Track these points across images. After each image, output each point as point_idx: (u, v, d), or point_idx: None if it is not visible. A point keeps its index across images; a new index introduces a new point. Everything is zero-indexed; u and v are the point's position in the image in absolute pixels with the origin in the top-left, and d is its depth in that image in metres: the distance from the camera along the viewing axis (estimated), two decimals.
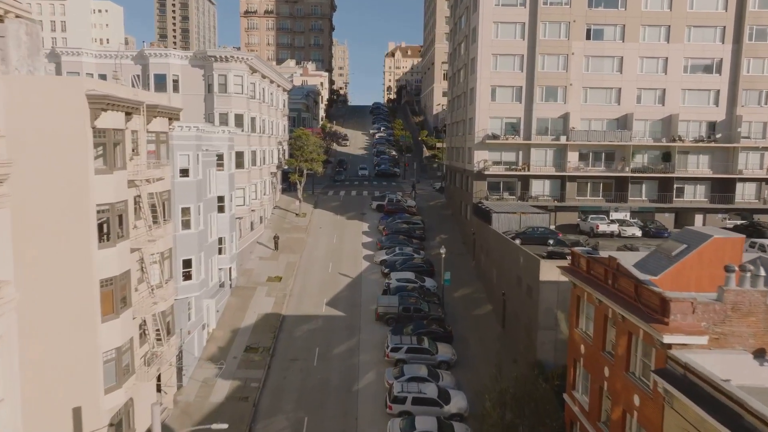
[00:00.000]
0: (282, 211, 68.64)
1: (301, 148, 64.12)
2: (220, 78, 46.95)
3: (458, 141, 64.78)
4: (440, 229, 64.10)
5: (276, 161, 65.57)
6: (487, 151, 55.09)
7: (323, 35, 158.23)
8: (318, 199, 75.17)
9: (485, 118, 54.69)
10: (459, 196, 64.11)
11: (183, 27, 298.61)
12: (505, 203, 54.27)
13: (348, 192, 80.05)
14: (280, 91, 67.04)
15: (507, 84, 54.37)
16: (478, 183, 55.38)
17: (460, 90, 64.33)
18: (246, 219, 52.34)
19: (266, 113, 58.04)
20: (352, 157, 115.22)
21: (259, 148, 54.54)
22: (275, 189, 69.54)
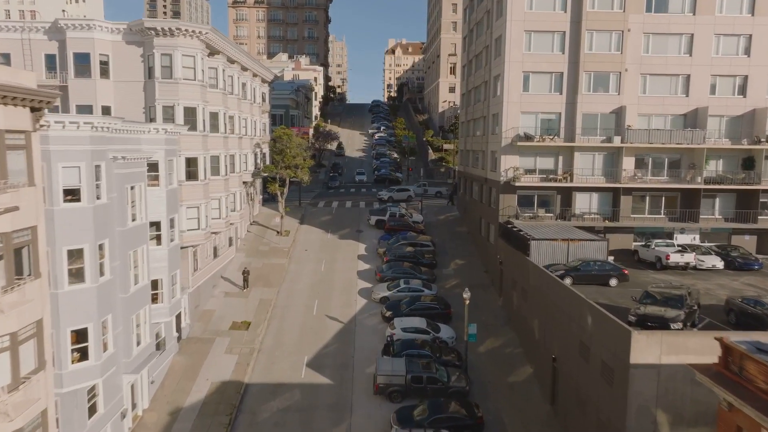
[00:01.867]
0: (260, 229, 56.35)
1: (282, 151, 51.91)
2: (163, 59, 34.69)
3: (476, 143, 52.54)
4: (454, 251, 51.82)
5: (253, 167, 53.29)
6: (517, 156, 42.86)
7: (318, 27, 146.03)
8: (305, 212, 62.85)
9: (515, 114, 42.47)
10: (478, 211, 51.87)
11: None
12: (542, 224, 42.03)
13: (342, 203, 67.72)
14: (257, 82, 54.81)
15: (544, 69, 42.15)
16: (506, 197, 43.14)
17: (478, 80, 52.10)
18: (205, 246, 40.09)
19: (235, 108, 45.85)
20: (348, 160, 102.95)
21: (224, 152, 42.26)
22: (252, 201, 57.27)
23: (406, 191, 70.20)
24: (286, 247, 51.85)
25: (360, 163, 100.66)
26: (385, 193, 69.48)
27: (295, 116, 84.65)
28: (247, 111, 50.53)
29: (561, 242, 35.91)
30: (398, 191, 70.08)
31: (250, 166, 51.80)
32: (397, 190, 70.30)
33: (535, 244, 35.78)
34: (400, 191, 70.23)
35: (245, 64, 49.01)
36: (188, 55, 35.38)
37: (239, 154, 47.45)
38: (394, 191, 70.15)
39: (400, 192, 70.06)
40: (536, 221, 42.62)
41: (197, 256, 38.71)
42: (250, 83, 51.22)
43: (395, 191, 70.19)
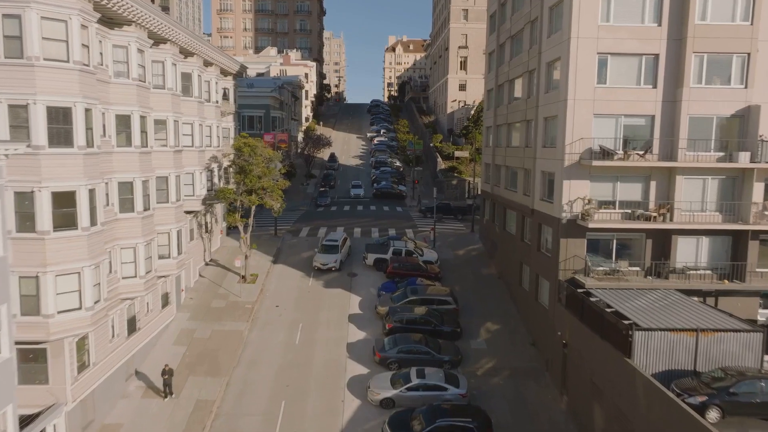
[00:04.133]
0: (218, 272, 41.76)
1: (243, 170, 37.26)
2: (6, 24, 20.16)
3: (513, 157, 37.97)
4: (483, 308, 37.21)
5: (205, 189, 38.69)
6: (587, 182, 28.32)
7: (311, 18, 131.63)
8: (283, 244, 48.19)
9: (585, 118, 27.96)
10: (516, 252, 37.32)
11: None
12: (627, 285, 27.52)
13: (332, 229, 53.03)
14: (213, 74, 40.21)
15: (629, 50, 27.65)
16: (571, 242, 28.61)
17: (516, 69, 37.55)
18: (105, 325, 25.54)
19: (168, 108, 31.28)
20: (342, 170, 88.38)
21: (140, 175, 27.69)
22: (210, 233, 42.65)
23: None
24: (250, 302, 37.24)
25: (356, 174, 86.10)
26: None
27: (277, 118, 70.11)
28: (192, 113, 35.93)
29: (686, 334, 21.38)
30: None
31: (200, 189, 37.20)
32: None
33: (643, 337, 21.25)
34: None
35: (190, 47, 34.47)
36: (55, 19, 20.79)
37: (177, 175, 32.84)
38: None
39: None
40: (617, 280, 28.04)
41: (88, 345, 24.13)
42: (198, 74, 36.63)
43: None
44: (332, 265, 41.89)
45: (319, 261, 42.15)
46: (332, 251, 42.69)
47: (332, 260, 42.06)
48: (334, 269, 42.04)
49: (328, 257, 42.23)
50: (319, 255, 42.68)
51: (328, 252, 42.66)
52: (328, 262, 41.99)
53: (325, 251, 42.77)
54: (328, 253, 42.53)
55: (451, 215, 61.69)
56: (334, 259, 42.15)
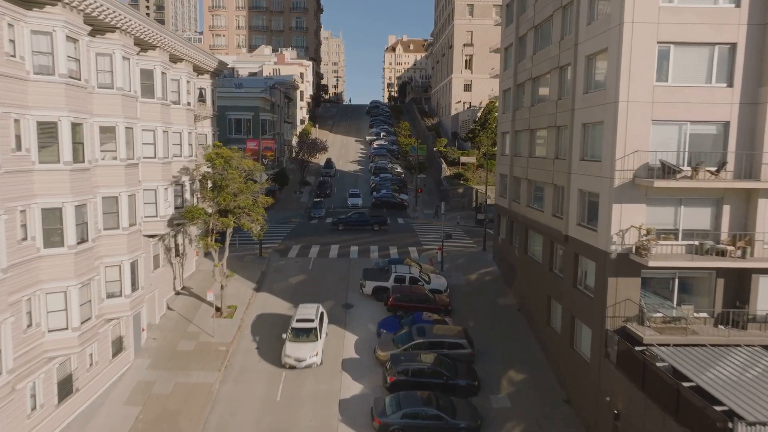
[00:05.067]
0: (190, 303, 35.67)
1: (216, 186, 31.14)
2: None
3: (539, 170, 31.89)
4: (504, 352, 31.10)
5: (172, 208, 32.59)
6: (643, 206, 22.29)
7: (308, 16, 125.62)
8: (268, 266, 42.10)
9: (640, 125, 21.93)
10: (543, 283, 31.23)
11: (158, 17, 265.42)
12: (696, 338, 21.50)
13: (325, 248, 46.97)
14: (184, 72, 34.12)
15: (696, 39, 21.64)
16: (623, 282, 22.57)
17: (542, 65, 31.48)
18: (11, 400, 19.49)
19: (117, 112, 25.24)
20: (339, 177, 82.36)
21: (70, 199, 21.60)
22: (182, 257, 36.57)
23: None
24: (225, 343, 31.15)
25: (354, 180, 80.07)
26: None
27: (267, 121, 64.05)
28: (154, 117, 29.87)
29: None
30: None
31: (165, 208, 31.10)
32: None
33: None
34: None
35: (150, 39, 28.41)
36: None
37: (131, 194, 26.78)
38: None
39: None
40: (681, 331, 21.97)
41: None
42: (163, 71, 30.55)
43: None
44: (312, 361, 28.49)
45: (292, 356, 28.38)
46: (308, 337, 29.17)
47: (311, 353, 28.48)
48: (316, 365, 28.78)
49: (304, 349, 28.55)
50: (289, 345, 28.73)
51: (303, 338, 29.06)
52: (305, 357, 28.36)
53: (299, 337, 29.07)
54: (304, 341, 28.93)
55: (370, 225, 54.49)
56: (314, 351, 28.60)
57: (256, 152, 43.81)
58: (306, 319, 30.28)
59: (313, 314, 30.75)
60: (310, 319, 30.30)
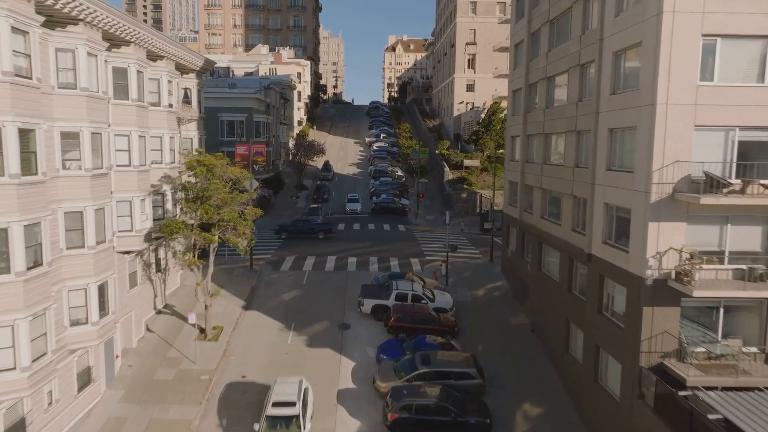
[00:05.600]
0: (173, 324, 32.61)
1: (198, 198, 28.04)
2: None
3: (556, 179, 28.85)
4: (516, 380, 28.04)
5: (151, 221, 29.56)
6: (683, 224, 19.29)
7: (306, 14, 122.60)
8: (259, 281, 39.04)
9: (681, 131, 18.91)
10: (562, 306, 28.18)
11: (155, 17, 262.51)
12: (747, 379, 18.49)
13: (321, 260, 43.92)
14: (165, 71, 31.04)
15: (747, 31, 18.60)
16: (661, 312, 19.55)
17: (559, 63, 28.45)
18: None
19: (81, 116, 22.21)
20: (338, 180, 79.43)
21: (17, 218, 18.57)
22: (164, 273, 33.53)
23: None
24: (208, 371, 28.10)
25: (353, 184, 77.09)
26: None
27: (262, 123, 61.00)
28: (128, 121, 26.85)
29: None
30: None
31: (142, 221, 28.05)
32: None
33: None
34: None
35: (122, 33, 25.37)
36: None
37: (99, 208, 23.74)
38: None
39: None
40: (730, 370, 18.93)
41: None
42: (138, 69, 27.49)
43: None
44: None
45: None
46: (288, 429, 22.12)
47: None
48: None
49: None
50: None
51: (281, 428, 22.19)
52: None
53: (275, 430, 22.16)
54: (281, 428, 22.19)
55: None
56: None
57: (246, 157, 40.79)
58: (285, 402, 22.66)
59: (294, 393, 23.19)
60: (290, 401, 22.68)
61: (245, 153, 40.80)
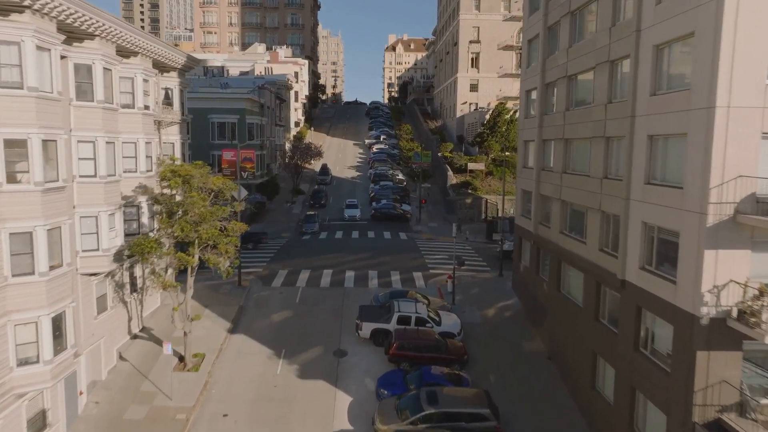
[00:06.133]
0: (150, 349, 29.27)
1: (173, 213, 24.67)
2: None
3: (579, 191, 25.50)
4: (530, 418, 24.67)
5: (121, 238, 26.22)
6: (747, 251, 16.00)
7: (304, 12, 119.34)
8: (248, 299, 35.67)
9: (746, 140, 15.62)
10: (587, 335, 24.83)
11: (152, 16, 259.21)
12: None
13: (316, 274, 40.58)
14: (139, 68, 27.71)
15: None
16: (717, 357, 16.26)
17: (585, 59, 25.11)
18: None
19: (30, 121, 18.93)
20: (336, 184, 76.15)
21: None
22: (140, 294, 30.17)
23: None
24: (185, 408, 24.77)
25: (352, 188, 73.82)
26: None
27: (255, 125, 57.70)
28: (94, 125, 23.56)
29: None
30: None
31: (110, 239, 24.73)
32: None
33: None
34: None
35: (85, 25, 22.07)
36: None
37: (53, 228, 20.41)
38: None
39: None
40: None
41: None
42: (105, 66, 24.19)
43: None
44: None
45: None
46: None
47: None
48: None
49: None
50: None
51: None
52: None
53: None
54: None
55: None
56: None
57: (234, 164, 37.40)
58: None
59: None
60: None
61: (233, 159, 37.44)
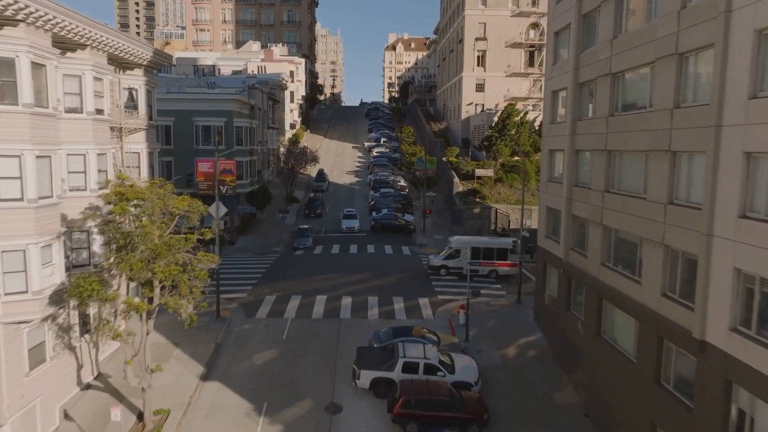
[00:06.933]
0: (105, 401, 24.17)
1: (123, 246, 19.65)
2: None
3: (632, 217, 20.44)
4: None
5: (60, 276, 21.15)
6: None
7: (300, 9, 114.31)
8: (227, 334, 30.49)
9: None
10: (641, 397, 19.82)
11: (148, 15, 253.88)
12: None
13: (307, 300, 35.55)
14: (88, 64, 22.71)
15: None
16: None
17: (637, 53, 20.10)
18: None
19: None
20: (333, 191, 71.25)
21: None
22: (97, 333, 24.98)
23: None
24: None
25: (350, 196, 68.85)
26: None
27: (244, 129, 52.66)
28: (20, 135, 18.54)
29: None
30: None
31: (42, 278, 19.73)
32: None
33: None
34: None
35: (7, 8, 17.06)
36: None
37: None
38: None
39: None
40: None
41: None
42: (35, 60, 19.16)
43: None
44: None
45: None
46: None
47: None
48: None
49: None
50: None
51: None
52: None
53: None
54: None
55: None
56: None
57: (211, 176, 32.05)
58: None
59: None
60: None
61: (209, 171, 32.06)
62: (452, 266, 41.34)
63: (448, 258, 41.63)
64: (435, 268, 41.79)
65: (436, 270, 41.65)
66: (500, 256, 41.15)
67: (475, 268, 40.25)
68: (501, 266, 41.04)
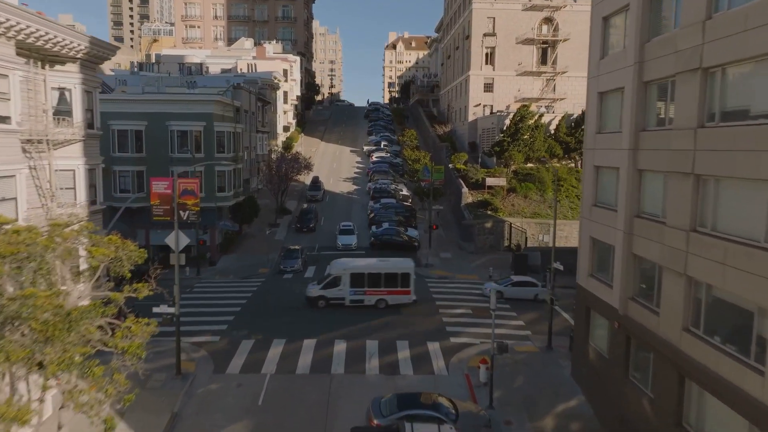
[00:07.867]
0: None
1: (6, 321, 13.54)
2: None
3: (736, 271, 14.27)
4: None
5: None
6: None
7: (296, 4, 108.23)
8: (186, 402, 24.15)
9: None
10: None
11: (142, 12, 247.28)
12: None
13: (292, 348, 29.28)
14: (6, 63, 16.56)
15: None
16: None
17: (747, 41, 13.97)
18: None
19: None
20: (329, 200, 65.10)
21: None
22: None
23: None
24: None
25: (347, 206, 62.64)
26: None
27: (226, 134, 46.43)
28: None
29: None
30: None
31: None
32: None
33: None
34: None
35: None
36: None
37: None
38: None
39: None
40: None
41: None
42: None
43: None
44: None
45: None
46: None
47: None
48: None
49: None
50: None
51: None
52: None
53: None
54: None
55: None
56: None
57: (168, 198, 25.70)
58: None
59: None
60: None
61: (166, 192, 25.64)
62: (331, 297, 34.95)
63: (326, 287, 35.08)
64: (312, 300, 35.06)
65: (314, 302, 34.97)
66: (389, 282, 34.96)
67: (359, 297, 34.70)
68: (391, 294, 34.95)
